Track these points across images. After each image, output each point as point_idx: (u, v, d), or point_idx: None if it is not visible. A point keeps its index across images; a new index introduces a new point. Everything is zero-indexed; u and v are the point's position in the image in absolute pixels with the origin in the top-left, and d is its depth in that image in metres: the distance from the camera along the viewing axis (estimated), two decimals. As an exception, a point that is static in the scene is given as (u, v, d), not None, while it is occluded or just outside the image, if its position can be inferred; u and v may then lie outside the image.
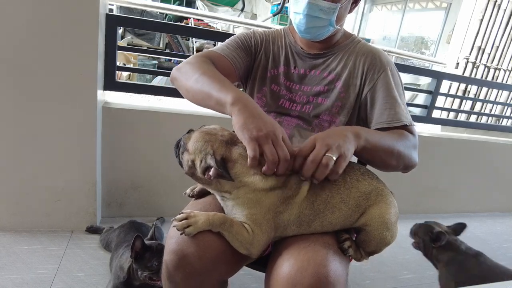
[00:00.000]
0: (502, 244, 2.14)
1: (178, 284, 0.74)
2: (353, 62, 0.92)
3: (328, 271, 0.65)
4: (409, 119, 0.86)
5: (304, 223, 0.72)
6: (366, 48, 0.94)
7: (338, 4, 0.85)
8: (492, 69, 3.36)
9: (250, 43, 0.97)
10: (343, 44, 0.95)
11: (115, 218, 1.69)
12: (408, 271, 1.67)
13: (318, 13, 0.85)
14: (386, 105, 0.86)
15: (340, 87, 0.91)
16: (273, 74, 0.97)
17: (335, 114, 0.92)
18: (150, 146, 1.67)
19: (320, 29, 0.88)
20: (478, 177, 2.51)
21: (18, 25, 1.26)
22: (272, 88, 0.96)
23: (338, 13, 0.86)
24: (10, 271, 1.25)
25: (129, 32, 4.71)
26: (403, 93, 0.91)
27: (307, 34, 0.90)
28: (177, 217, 0.71)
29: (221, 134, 0.72)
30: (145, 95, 1.90)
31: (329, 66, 0.94)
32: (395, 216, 0.76)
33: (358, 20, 8.68)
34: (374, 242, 0.75)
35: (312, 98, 0.93)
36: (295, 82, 0.96)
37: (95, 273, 1.31)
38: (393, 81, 0.89)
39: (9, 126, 1.37)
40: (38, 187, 1.46)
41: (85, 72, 1.37)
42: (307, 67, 0.95)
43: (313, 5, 0.84)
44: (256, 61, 0.98)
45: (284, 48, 0.98)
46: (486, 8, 3.20)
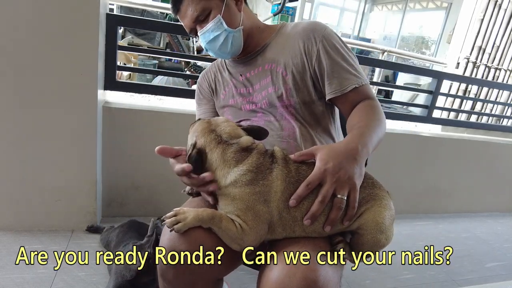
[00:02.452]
0: (503, 244, 2.14)
1: (171, 282, 0.74)
2: (291, 45, 0.93)
3: (317, 275, 0.64)
4: (360, 79, 0.88)
5: (287, 227, 0.72)
6: (299, 27, 0.95)
7: (218, 15, 0.89)
8: (492, 69, 3.36)
9: (204, 95, 1.10)
10: (272, 36, 0.98)
11: (115, 217, 1.69)
12: (408, 271, 1.67)
13: (212, 35, 0.90)
14: (333, 74, 0.88)
15: (283, 71, 0.93)
16: (226, 93, 1.03)
17: (289, 98, 0.93)
18: (151, 145, 1.65)
19: (226, 42, 0.92)
20: (479, 177, 2.51)
21: (19, 25, 1.27)
22: (230, 104, 1.02)
23: (226, 20, 0.90)
24: (11, 270, 1.25)
25: (129, 32, 4.71)
26: (347, 54, 0.91)
27: (224, 54, 0.95)
28: (167, 214, 0.72)
29: (221, 128, 0.75)
30: (145, 94, 1.90)
31: (266, 58, 0.96)
32: (390, 219, 0.75)
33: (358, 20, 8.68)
34: (368, 245, 0.74)
35: (265, 92, 0.96)
36: (247, 86, 0.99)
37: (95, 272, 1.31)
38: (333, 47, 0.90)
39: (10, 125, 1.37)
40: (38, 187, 1.46)
41: (85, 71, 1.37)
42: (250, 69, 0.98)
43: (204, 34, 0.91)
44: (215, 98, 1.08)
45: (225, 68, 1.05)
46: (486, 8, 3.20)
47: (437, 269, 1.73)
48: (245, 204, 0.69)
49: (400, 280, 1.60)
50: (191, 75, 3.76)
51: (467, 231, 1.35)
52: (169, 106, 1.85)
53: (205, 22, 0.90)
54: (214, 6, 0.89)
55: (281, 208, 0.70)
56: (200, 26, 0.91)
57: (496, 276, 1.76)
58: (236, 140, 0.74)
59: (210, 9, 0.88)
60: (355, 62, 0.91)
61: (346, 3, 8.62)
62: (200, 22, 0.90)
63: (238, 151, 0.72)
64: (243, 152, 0.72)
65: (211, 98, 1.09)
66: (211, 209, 0.73)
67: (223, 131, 0.75)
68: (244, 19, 0.94)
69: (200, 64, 4.84)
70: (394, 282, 1.58)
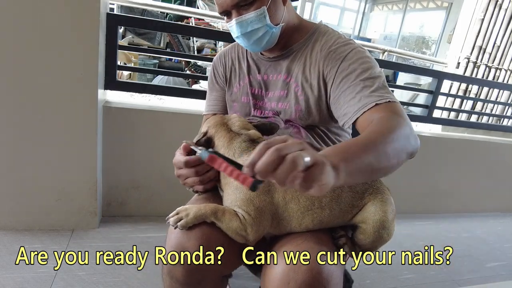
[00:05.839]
0: (503, 244, 2.14)
1: (179, 280, 0.74)
2: (309, 56, 0.85)
3: (321, 267, 0.65)
4: (385, 96, 0.71)
5: (293, 218, 0.72)
6: (323, 39, 0.85)
7: (263, 7, 0.79)
8: (493, 69, 3.36)
9: (217, 81, 1.03)
10: (302, 40, 0.88)
11: (115, 217, 1.69)
12: (408, 271, 1.67)
13: (250, 27, 0.81)
14: (352, 94, 0.75)
15: (295, 86, 0.86)
16: (241, 87, 0.97)
17: (297, 120, 0.85)
18: (151, 145, 1.67)
19: (262, 37, 0.83)
20: (479, 177, 2.51)
21: (19, 24, 1.26)
22: (242, 101, 0.97)
23: (270, 14, 0.80)
24: (11, 270, 1.25)
25: (129, 31, 4.72)
26: (372, 69, 0.77)
27: (255, 48, 0.87)
28: (170, 214, 0.73)
29: (232, 122, 0.80)
30: (145, 94, 1.91)
31: (288, 66, 0.88)
32: (392, 213, 0.76)
33: (359, 20, 8.68)
34: (370, 240, 0.75)
35: (274, 104, 0.90)
36: (262, 89, 0.93)
37: (95, 272, 1.31)
38: (356, 66, 0.77)
39: (10, 125, 1.37)
40: (38, 187, 1.46)
41: (85, 71, 1.37)
42: (270, 72, 0.92)
43: (241, 23, 0.81)
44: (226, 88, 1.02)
45: (246, 58, 0.97)
46: (487, 7, 3.20)
47: (437, 269, 1.73)
48: (248, 194, 0.70)
49: (400, 280, 1.60)
50: (192, 75, 3.77)
51: (467, 231, 1.35)
52: (169, 106, 1.85)
53: (245, 10, 0.79)
54: None
55: (288, 199, 0.71)
56: (238, 11, 0.80)
57: (496, 276, 1.76)
58: (245, 131, 0.77)
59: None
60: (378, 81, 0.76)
61: (347, 2, 8.63)
62: (239, 7, 0.79)
63: (245, 141, 0.75)
64: (250, 143, 0.74)
65: (224, 86, 1.02)
66: (214, 203, 0.73)
67: (234, 124, 0.79)
68: (285, 14, 0.85)
69: (201, 64, 4.84)
70: (394, 282, 1.58)
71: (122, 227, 1.62)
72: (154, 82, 3.98)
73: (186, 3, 5.64)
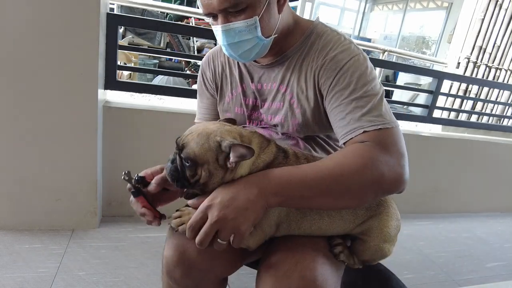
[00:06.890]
0: (503, 244, 2.13)
1: (177, 281, 0.74)
2: (305, 63, 0.78)
3: (315, 275, 0.64)
4: (376, 122, 0.67)
5: (293, 222, 0.71)
6: (320, 42, 0.77)
7: (255, 17, 0.69)
8: (493, 69, 3.36)
9: (206, 87, 0.94)
10: (298, 43, 0.80)
11: (116, 217, 1.69)
12: (408, 271, 1.67)
13: (238, 37, 0.71)
14: (342, 114, 0.70)
15: (291, 97, 0.79)
16: (233, 97, 0.90)
17: (295, 133, 0.82)
18: (151, 145, 1.67)
19: (251, 50, 0.74)
20: (479, 177, 2.51)
21: (19, 24, 1.26)
22: (235, 111, 0.89)
23: (262, 24, 0.71)
24: (11, 269, 1.25)
25: (130, 31, 4.72)
26: (369, 85, 0.71)
27: (243, 59, 0.78)
28: (173, 215, 0.72)
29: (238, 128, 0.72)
30: (145, 94, 1.91)
31: (283, 74, 0.81)
32: (396, 229, 0.74)
33: (359, 20, 8.68)
34: (369, 252, 0.74)
35: (270, 117, 0.84)
36: (257, 99, 0.86)
37: (95, 272, 1.31)
38: (351, 80, 0.71)
39: (10, 125, 1.37)
40: (39, 186, 1.46)
41: (85, 71, 1.37)
42: (264, 80, 0.84)
43: (227, 31, 0.71)
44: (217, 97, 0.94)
45: (237, 65, 0.88)
46: (487, 7, 3.20)
47: (437, 269, 1.73)
48: None
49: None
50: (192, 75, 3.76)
51: (467, 231, 1.34)
52: (169, 105, 1.85)
53: (233, 16, 0.70)
54: (254, 2, 0.69)
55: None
56: (225, 17, 0.70)
57: (496, 276, 1.76)
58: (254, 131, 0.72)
59: (247, 4, 0.68)
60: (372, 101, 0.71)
61: (347, 2, 8.63)
62: (228, 13, 0.70)
63: (260, 137, 0.70)
64: (265, 140, 0.70)
65: (214, 94, 0.94)
66: None
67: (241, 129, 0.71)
68: (280, 23, 0.75)
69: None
70: (394, 282, 1.58)
71: (122, 227, 1.62)
72: (154, 82, 3.98)
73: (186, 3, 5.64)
